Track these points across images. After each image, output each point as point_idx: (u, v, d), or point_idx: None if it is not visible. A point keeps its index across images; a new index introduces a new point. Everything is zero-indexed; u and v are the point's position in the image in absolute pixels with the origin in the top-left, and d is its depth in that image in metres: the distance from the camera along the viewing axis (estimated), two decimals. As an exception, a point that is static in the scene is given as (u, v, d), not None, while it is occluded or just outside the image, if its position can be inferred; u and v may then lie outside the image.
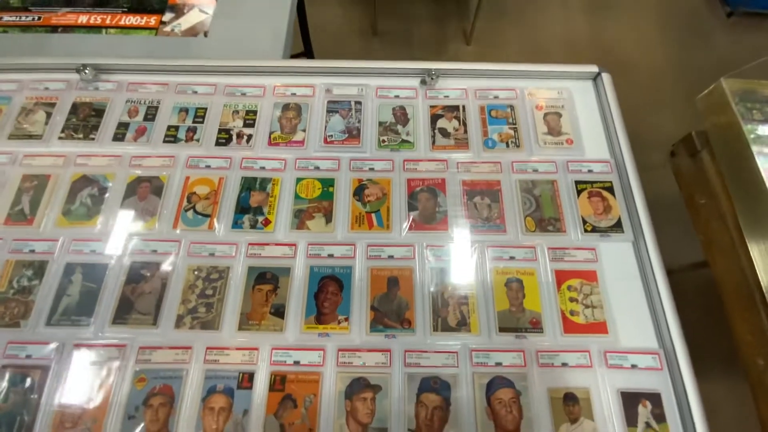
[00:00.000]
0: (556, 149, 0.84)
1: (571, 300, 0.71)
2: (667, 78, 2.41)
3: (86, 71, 0.87)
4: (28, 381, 0.66)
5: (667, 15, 2.65)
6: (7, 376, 0.66)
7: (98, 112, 0.87)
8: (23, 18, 1.06)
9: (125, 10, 1.06)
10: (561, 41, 2.59)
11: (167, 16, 1.06)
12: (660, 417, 0.64)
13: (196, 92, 0.89)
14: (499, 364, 0.67)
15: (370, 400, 0.65)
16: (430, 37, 2.59)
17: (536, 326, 0.70)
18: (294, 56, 1.59)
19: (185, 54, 1.00)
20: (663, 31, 2.58)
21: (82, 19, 1.05)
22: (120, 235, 0.76)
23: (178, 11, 1.07)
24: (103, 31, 1.04)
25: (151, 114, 0.87)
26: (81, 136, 0.85)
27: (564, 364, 0.67)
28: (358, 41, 2.52)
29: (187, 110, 0.87)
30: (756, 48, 2.51)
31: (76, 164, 0.82)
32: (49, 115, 0.86)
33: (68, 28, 1.04)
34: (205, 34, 1.04)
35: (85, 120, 0.86)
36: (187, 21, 1.06)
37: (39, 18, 1.06)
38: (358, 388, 0.65)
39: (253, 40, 1.03)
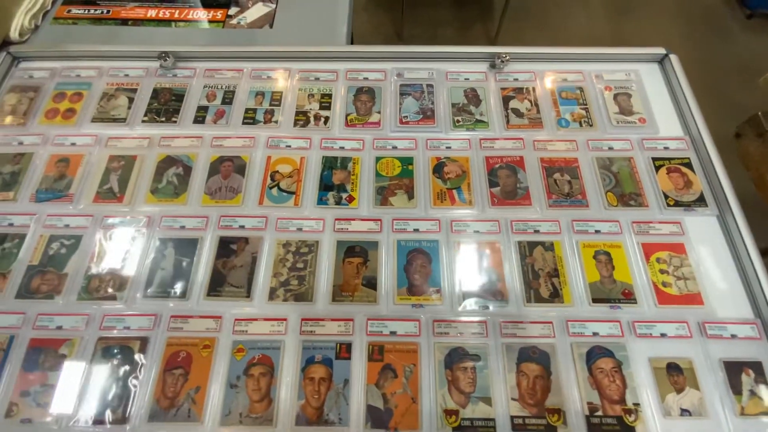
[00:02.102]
0: (629, 128, 0.85)
1: (662, 272, 0.71)
2: (689, 79, 2.43)
3: (167, 58, 0.90)
4: (128, 352, 0.66)
5: (688, 17, 2.68)
6: (106, 348, 0.67)
7: (178, 96, 0.89)
8: (92, 11, 1.10)
9: (192, 5, 1.10)
10: (585, 43, 2.63)
11: (232, 10, 1.10)
12: (764, 384, 0.63)
13: (270, 77, 0.92)
14: (596, 334, 0.67)
15: (470, 369, 0.64)
16: (454, 40, 2.63)
17: (629, 297, 0.69)
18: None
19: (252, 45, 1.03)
20: (684, 32, 2.61)
21: (151, 13, 1.09)
22: (207, 212, 0.77)
23: (243, 5, 1.10)
24: (173, 24, 1.07)
25: (228, 98, 0.89)
26: (163, 119, 0.87)
27: (663, 335, 0.66)
28: (384, 46, 2.57)
29: (263, 94, 0.90)
30: (777, 48, 2.53)
31: (160, 145, 0.84)
32: (130, 100, 0.89)
33: (138, 22, 1.08)
34: (271, 26, 1.07)
35: (166, 104, 0.89)
36: (251, 14, 1.09)
37: (108, 11, 1.10)
38: (457, 357, 0.65)
39: (317, 30, 1.06)
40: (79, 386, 0.63)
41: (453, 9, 2.72)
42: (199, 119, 0.87)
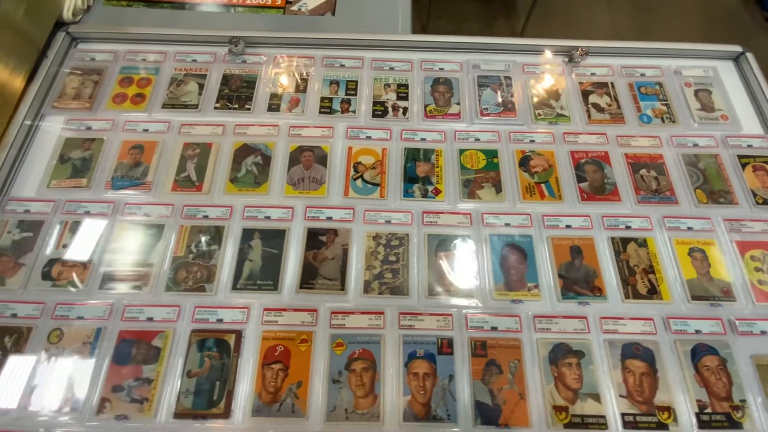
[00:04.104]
0: (712, 125, 0.84)
1: (756, 270, 0.71)
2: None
3: (238, 44, 0.87)
4: (223, 345, 0.64)
5: (709, 20, 2.69)
6: (200, 341, 0.64)
7: (249, 83, 0.87)
8: (147, -5, 1.06)
9: (249, -11, 1.07)
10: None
11: (292, -4, 1.07)
12: None
13: (343, 66, 0.89)
14: (698, 331, 0.66)
15: (575, 365, 0.64)
16: (479, 35, 2.61)
17: (728, 295, 0.69)
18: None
19: (318, 32, 1.00)
20: (705, 35, 2.62)
21: (208, -4, 1.06)
22: (291, 202, 0.75)
23: (302, -9, 1.08)
24: (232, 9, 1.04)
25: (301, 86, 0.87)
26: (236, 106, 0.84)
27: (763, 332, 0.66)
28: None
29: (337, 83, 0.87)
30: (799, 50, 2.55)
31: (235, 133, 0.81)
32: (200, 86, 0.86)
33: (195, 5, 1.04)
34: (333, 13, 1.04)
35: (237, 91, 0.86)
36: (312, 1, 1.06)
37: (164, -5, 1.06)
38: (561, 353, 0.64)
39: (380, 18, 1.03)
40: (176, 380, 0.61)
41: (477, 4, 2.70)
42: (273, 107, 0.84)
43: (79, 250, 0.70)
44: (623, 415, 0.61)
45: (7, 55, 0.82)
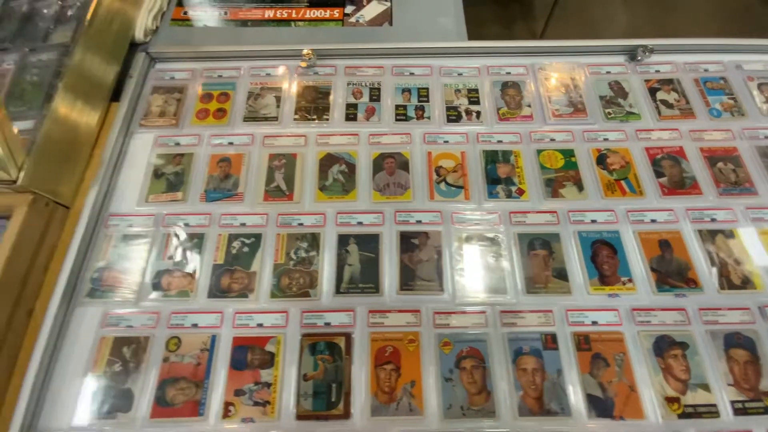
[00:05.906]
0: (780, 116, 0.86)
1: None
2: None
3: (310, 57, 0.90)
4: (335, 348, 0.66)
5: (725, 16, 2.71)
6: (312, 345, 0.66)
7: (323, 94, 0.90)
8: (210, 13, 1.10)
9: (307, 4, 1.11)
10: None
11: (348, 9, 1.10)
12: None
13: (412, 74, 0.92)
14: (795, 318, 0.68)
15: (681, 356, 0.65)
16: (500, 38, 2.65)
17: (820, 282, 0.70)
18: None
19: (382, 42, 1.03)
20: (722, 30, 2.64)
21: (269, 13, 1.09)
22: (380, 207, 0.77)
23: (358, 3, 1.11)
24: (292, 24, 1.07)
25: (375, 95, 0.89)
26: (315, 117, 0.87)
27: None
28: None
29: (409, 90, 0.90)
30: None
31: (318, 143, 0.84)
32: (278, 99, 0.89)
33: (257, 22, 1.08)
34: (390, 23, 1.07)
35: (314, 102, 0.88)
36: (369, 12, 1.09)
37: (225, 13, 1.10)
38: (665, 345, 0.66)
39: (437, 25, 1.06)
40: (294, 383, 0.63)
41: (494, 7, 2.74)
42: (351, 116, 0.87)
43: (184, 260, 0.72)
44: (732, 402, 0.62)
45: (91, 77, 0.85)
